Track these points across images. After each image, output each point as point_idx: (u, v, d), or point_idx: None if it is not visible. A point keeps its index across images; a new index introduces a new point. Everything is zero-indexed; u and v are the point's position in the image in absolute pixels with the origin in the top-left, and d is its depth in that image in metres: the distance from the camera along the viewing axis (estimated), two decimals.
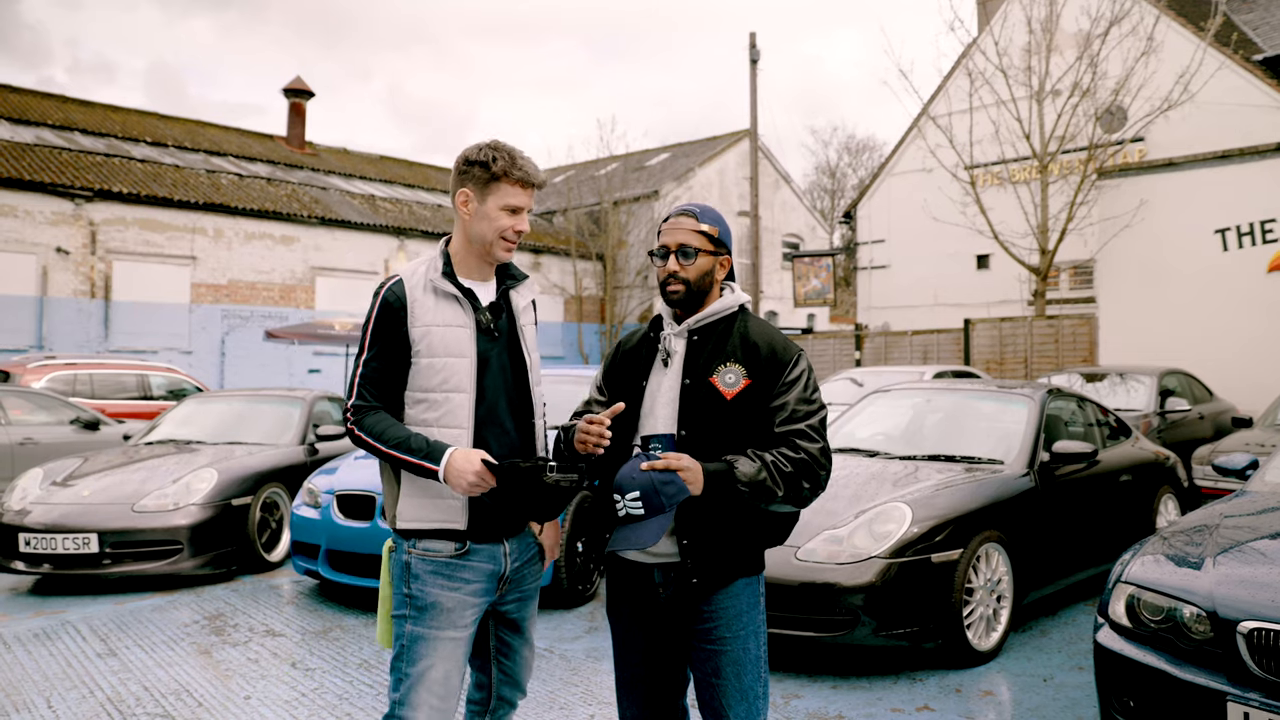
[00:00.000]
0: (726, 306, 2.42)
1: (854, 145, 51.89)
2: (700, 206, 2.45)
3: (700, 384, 2.32)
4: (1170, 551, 3.47)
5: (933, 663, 4.67)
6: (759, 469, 2.21)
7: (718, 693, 2.33)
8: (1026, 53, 15.30)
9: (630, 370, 2.48)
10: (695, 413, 2.31)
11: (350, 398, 2.33)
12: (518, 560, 2.47)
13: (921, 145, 17.16)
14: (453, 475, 2.22)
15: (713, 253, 2.40)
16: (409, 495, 2.33)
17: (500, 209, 2.39)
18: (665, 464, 2.14)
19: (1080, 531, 5.60)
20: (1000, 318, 16.16)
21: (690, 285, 2.38)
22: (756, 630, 2.37)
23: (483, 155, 2.37)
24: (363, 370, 2.34)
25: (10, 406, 10.64)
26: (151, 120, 24.20)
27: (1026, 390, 6.01)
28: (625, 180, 27.76)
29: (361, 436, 2.30)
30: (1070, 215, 14.70)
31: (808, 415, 2.29)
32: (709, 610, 2.33)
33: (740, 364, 2.32)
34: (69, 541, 6.36)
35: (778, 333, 2.42)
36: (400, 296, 2.34)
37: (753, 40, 18.21)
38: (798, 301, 21.52)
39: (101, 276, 17.78)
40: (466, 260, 2.44)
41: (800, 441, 2.25)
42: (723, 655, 2.32)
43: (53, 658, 5.01)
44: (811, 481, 2.26)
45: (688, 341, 2.40)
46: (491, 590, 2.41)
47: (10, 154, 17.85)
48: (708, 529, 2.29)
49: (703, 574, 2.30)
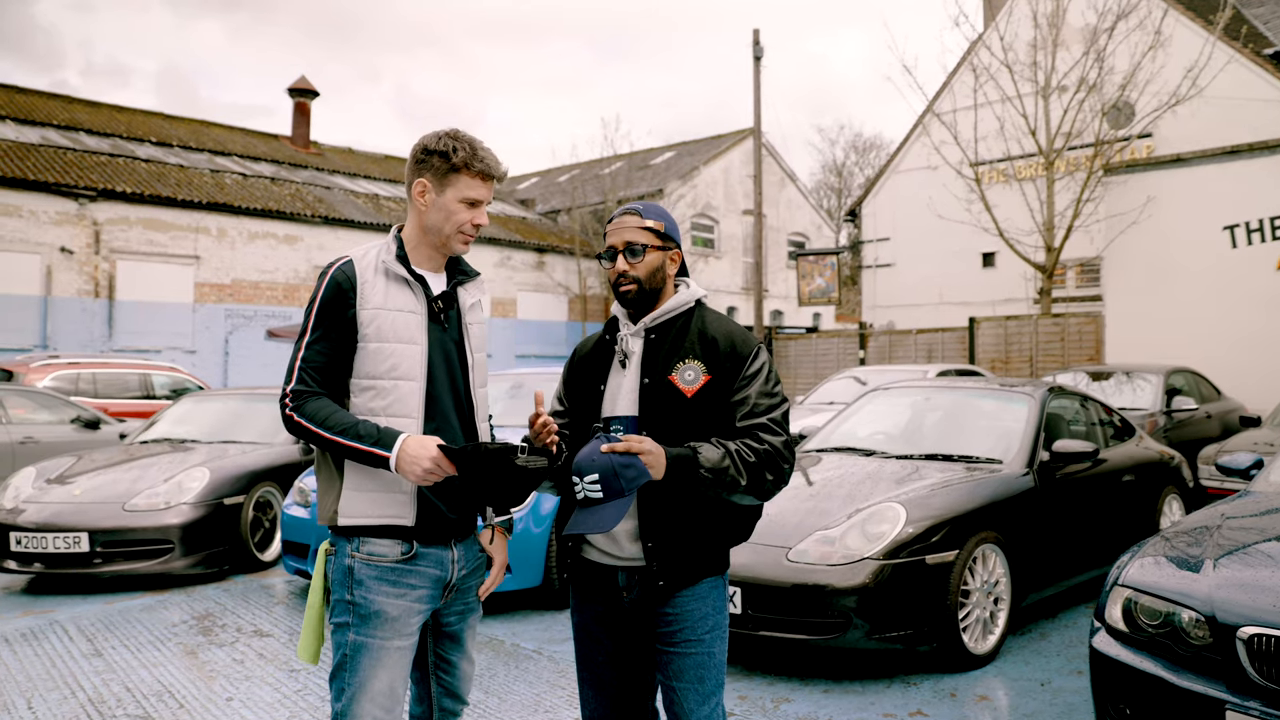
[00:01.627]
0: (683, 303, 2.37)
1: (861, 144, 51.73)
2: (644, 204, 2.41)
3: (659, 382, 2.27)
4: (1169, 554, 3.36)
5: (928, 666, 4.58)
6: (722, 456, 2.16)
7: (680, 696, 2.27)
8: (1032, 48, 15.14)
9: (588, 375, 2.43)
10: (656, 411, 2.26)
11: (289, 382, 2.18)
12: (465, 569, 2.35)
13: (926, 142, 17.03)
14: (406, 462, 2.10)
15: (661, 248, 2.36)
16: (353, 489, 2.19)
17: (459, 201, 2.29)
18: (626, 446, 2.08)
19: (1081, 532, 5.49)
20: (1005, 316, 16.03)
21: (642, 283, 2.33)
22: (722, 633, 2.32)
23: (442, 145, 2.27)
24: (305, 354, 2.19)
25: (12, 405, 10.65)
26: (156, 120, 24.23)
27: (1027, 388, 5.91)
28: (630, 179, 27.68)
29: (301, 424, 2.15)
30: (1076, 212, 14.55)
31: (770, 409, 2.25)
32: (674, 613, 2.27)
33: (699, 360, 2.28)
34: (60, 540, 6.31)
35: (736, 326, 2.38)
36: (350, 277, 2.22)
37: (756, 37, 18.10)
38: (802, 300, 21.41)
39: (105, 276, 17.78)
40: (419, 248, 2.34)
41: (763, 434, 2.22)
42: (687, 659, 2.26)
43: (38, 658, 4.96)
44: (775, 474, 2.22)
45: (645, 340, 2.35)
46: (437, 598, 2.30)
47: (15, 154, 17.87)
48: (672, 529, 2.24)
49: (669, 575, 2.24)
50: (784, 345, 19.67)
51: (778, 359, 19.65)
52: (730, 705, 4.13)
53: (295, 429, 2.19)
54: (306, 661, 2.32)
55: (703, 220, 28.57)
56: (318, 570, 2.30)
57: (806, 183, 48.62)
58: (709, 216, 28.75)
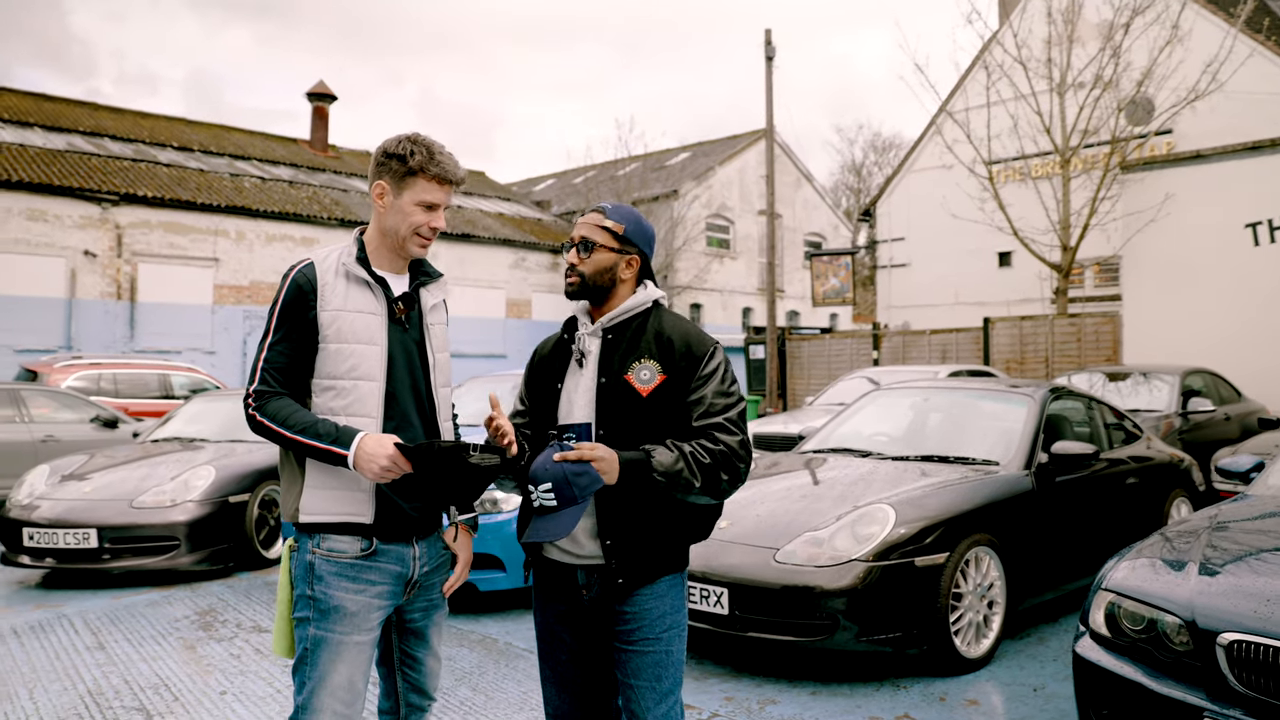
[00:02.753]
0: (639, 303, 2.39)
1: (880, 143, 51.38)
2: (614, 205, 2.44)
3: (616, 382, 2.29)
4: (1155, 557, 3.32)
5: (919, 670, 4.55)
6: (676, 459, 2.18)
7: (636, 694, 2.28)
8: (1047, 44, 14.98)
9: (547, 374, 2.46)
10: (612, 411, 2.28)
11: (252, 383, 2.23)
12: (427, 566, 2.38)
13: (941, 141, 16.89)
14: (363, 460, 2.13)
15: (616, 250, 2.36)
16: (313, 486, 2.23)
17: (415, 204, 2.32)
18: (578, 454, 2.10)
19: (1082, 536, 5.43)
20: (1020, 316, 15.86)
21: (585, 279, 2.35)
22: (680, 631, 2.33)
23: (400, 148, 2.30)
24: (267, 355, 2.24)
25: (34, 405, 10.86)
26: (178, 125, 24.54)
27: (1028, 389, 5.86)
28: (645, 180, 27.70)
29: (264, 423, 2.19)
30: (1093, 210, 14.38)
31: (725, 408, 2.27)
32: (632, 611, 2.29)
33: (655, 360, 2.29)
34: (70, 536, 6.42)
35: (693, 327, 2.40)
36: (310, 279, 2.26)
37: (768, 37, 18.04)
38: (816, 301, 21.32)
39: (127, 278, 18.03)
40: (380, 250, 2.37)
41: (719, 434, 2.24)
42: (644, 657, 2.28)
43: (43, 650, 5.05)
44: (730, 473, 2.23)
45: (602, 340, 2.36)
46: (398, 594, 2.33)
47: (42, 160, 18.17)
48: (630, 527, 2.25)
49: (627, 573, 2.26)
50: (797, 346, 19.59)
51: (791, 360, 19.58)
52: (715, 706, 4.13)
53: (258, 428, 2.23)
54: (281, 655, 2.35)
55: (718, 221, 28.53)
56: (284, 566, 2.34)
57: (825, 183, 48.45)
58: (724, 217, 28.70)
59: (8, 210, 16.60)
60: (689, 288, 26.68)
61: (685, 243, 26.31)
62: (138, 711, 4.13)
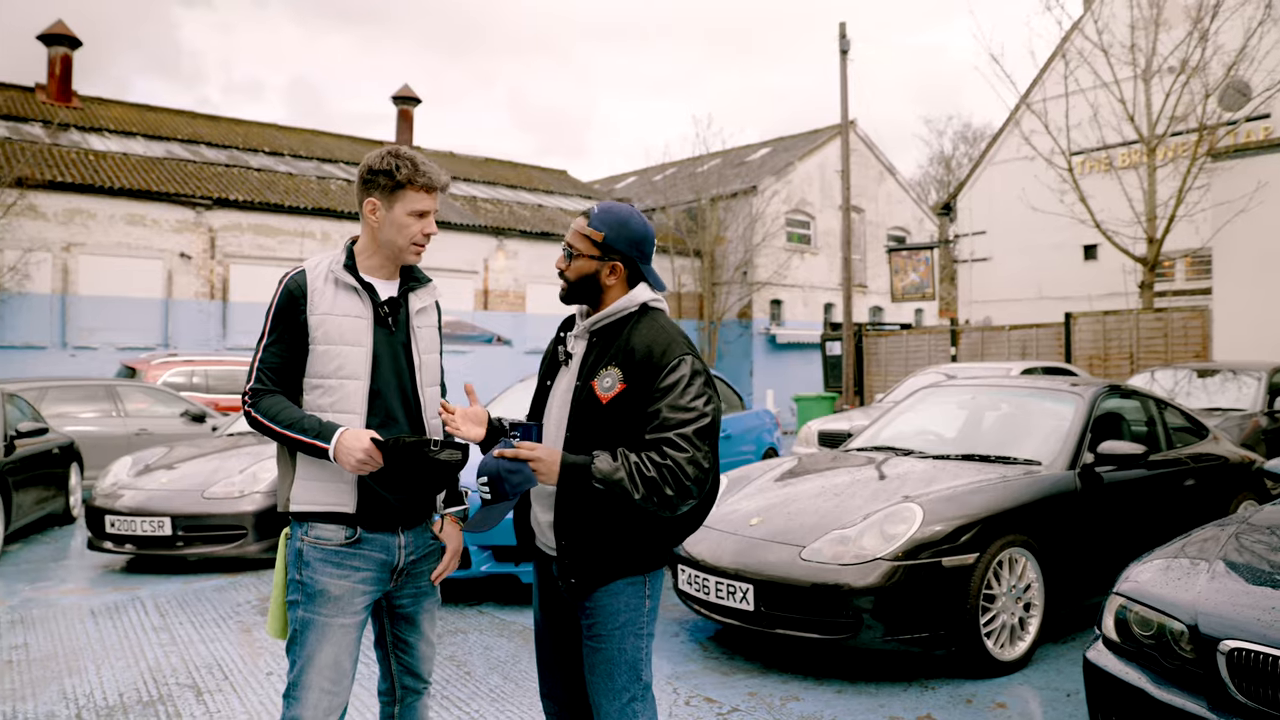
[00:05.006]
0: (623, 308, 2.40)
1: (970, 134, 49.89)
2: (601, 208, 2.43)
3: (585, 386, 2.34)
4: (1171, 561, 3.22)
5: (950, 671, 4.49)
6: (617, 468, 2.18)
7: (592, 688, 2.36)
8: (1131, 29, 14.37)
9: (545, 371, 2.54)
10: (580, 415, 2.33)
11: (249, 382, 2.39)
12: (414, 554, 2.50)
13: (1019, 133, 16.37)
14: (342, 453, 2.27)
15: (595, 258, 2.38)
16: (303, 479, 2.38)
17: (408, 215, 2.44)
18: (515, 453, 2.17)
19: (1132, 539, 5.24)
20: (1104, 311, 15.26)
21: (570, 284, 2.41)
22: (636, 631, 2.35)
23: (385, 164, 2.42)
24: (262, 355, 2.40)
25: (130, 400, 11.55)
26: (270, 131, 25.57)
27: (1078, 387, 5.69)
28: (723, 176, 27.59)
29: (257, 418, 2.36)
30: (1179, 201, 13.74)
31: (680, 423, 2.22)
32: (590, 607, 2.35)
33: (618, 368, 2.30)
34: (146, 524, 6.82)
35: (662, 336, 2.32)
36: (301, 285, 2.41)
37: (842, 30, 17.77)
38: (895, 296, 20.91)
39: (220, 279, 18.90)
40: (371, 259, 2.50)
41: (667, 449, 2.20)
42: (598, 653, 2.34)
43: (114, 629, 5.40)
44: (676, 489, 2.19)
45: (586, 343, 2.42)
46: (384, 580, 2.45)
47: (143, 168, 19.19)
48: (582, 528, 2.29)
49: (578, 572, 2.31)
50: (874, 342, 19.28)
51: (868, 356, 19.26)
52: (737, 701, 4.17)
53: (253, 423, 2.40)
54: (274, 636, 2.50)
55: (798, 216, 28.23)
56: (280, 553, 2.49)
57: (913, 176, 47.41)
58: (804, 212, 28.38)
59: (111, 216, 17.61)
60: (768, 284, 26.48)
61: (764, 239, 26.12)
62: (190, 688, 4.39)
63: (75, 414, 10.88)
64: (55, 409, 10.60)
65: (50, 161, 17.79)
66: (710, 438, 2.26)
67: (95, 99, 23.08)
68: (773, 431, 10.11)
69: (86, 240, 17.34)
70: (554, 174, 31.78)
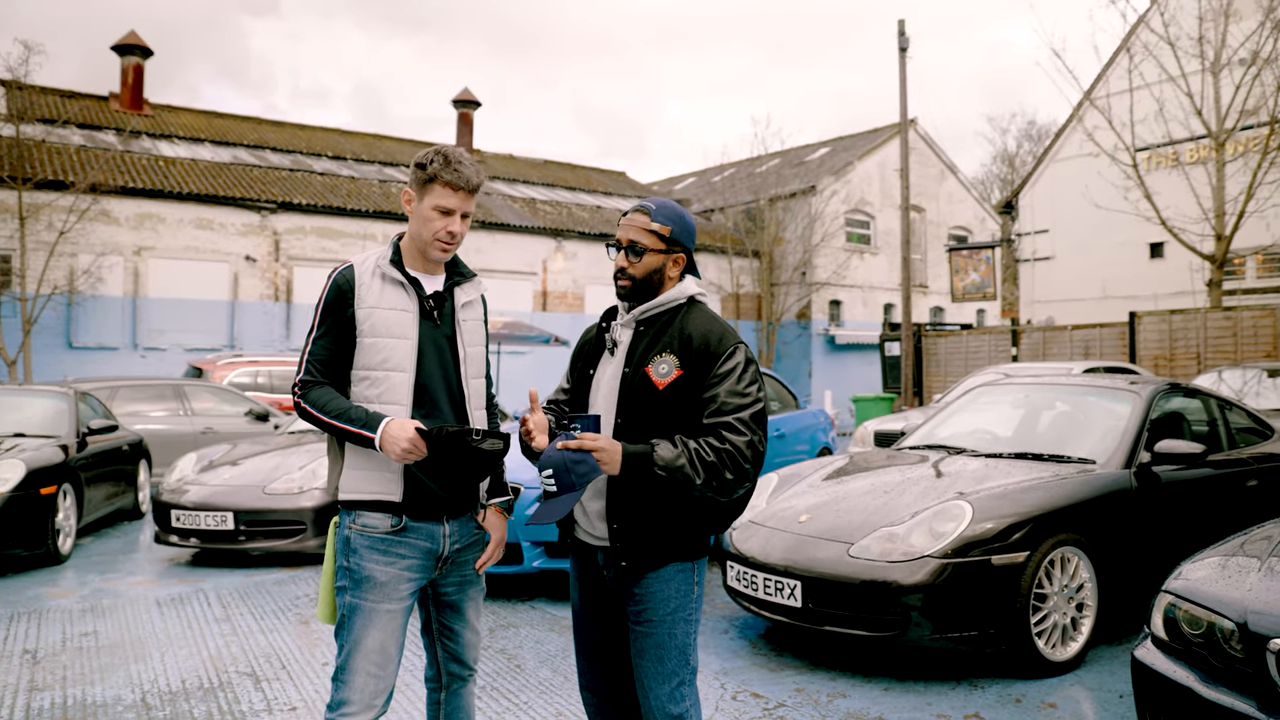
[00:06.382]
0: (672, 299, 2.45)
1: (1035, 132, 48.79)
2: (658, 203, 2.48)
3: (638, 373, 2.37)
4: (1225, 559, 3.14)
5: (1000, 671, 4.43)
6: (679, 454, 2.23)
7: (641, 674, 2.39)
8: (1199, 21, 13.93)
9: (585, 361, 2.58)
10: (632, 401, 2.36)
11: (299, 374, 2.48)
12: (459, 543, 2.56)
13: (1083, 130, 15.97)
14: (388, 442, 2.33)
15: (663, 251, 2.43)
16: (351, 468, 2.46)
17: (432, 209, 2.49)
18: (579, 444, 2.20)
19: (1191, 539, 5.08)
20: (1170, 310, 14.81)
21: (636, 281, 2.43)
22: (686, 617, 2.39)
23: (423, 158, 2.49)
24: (311, 348, 2.49)
25: (196, 400, 11.95)
26: (333, 136, 26.17)
27: (1135, 386, 5.56)
28: (781, 176, 27.42)
29: (307, 409, 2.44)
30: (1249, 196, 13.27)
31: (738, 408, 2.29)
32: (640, 593, 2.38)
33: (675, 355, 2.35)
34: (210, 519, 7.05)
35: (718, 325, 2.41)
36: (349, 280, 2.49)
37: (901, 28, 17.56)
38: (955, 296, 20.61)
39: (284, 281, 19.41)
40: (413, 253, 2.57)
41: (726, 433, 2.26)
42: (648, 638, 2.37)
43: (179, 619, 5.60)
44: (736, 473, 2.25)
45: (634, 332, 2.45)
46: (430, 568, 2.51)
47: (210, 173, 19.81)
48: (636, 514, 2.33)
49: (631, 557, 2.35)
50: (934, 343, 19.00)
51: (927, 357, 19.00)
52: (784, 697, 4.17)
53: (302, 414, 2.48)
54: (324, 621, 2.58)
55: (858, 216, 27.93)
56: (330, 540, 2.57)
57: (976, 174, 46.55)
58: (864, 212, 28.07)
59: (179, 220, 18.21)
60: (827, 284, 26.24)
61: (823, 239, 25.90)
62: (248, 676, 4.54)
63: (145, 412, 11.29)
64: (126, 408, 11.01)
65: (122, 168, 18.47)
66: (763, 423, 2.33)
67: (165, 106, 23.89)
68: (828, 431, 10.03)
69: (156, 244, 17.96)
70: (612, 175, 31.94)
